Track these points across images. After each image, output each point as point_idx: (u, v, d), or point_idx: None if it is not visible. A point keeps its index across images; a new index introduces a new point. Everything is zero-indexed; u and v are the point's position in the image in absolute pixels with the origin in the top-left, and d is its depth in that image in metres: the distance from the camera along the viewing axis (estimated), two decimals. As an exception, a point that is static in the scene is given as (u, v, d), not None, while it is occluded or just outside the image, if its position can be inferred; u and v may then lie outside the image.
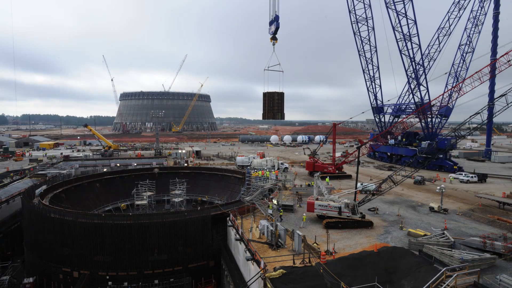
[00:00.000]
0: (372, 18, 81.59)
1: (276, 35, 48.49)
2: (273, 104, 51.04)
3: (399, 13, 73.17)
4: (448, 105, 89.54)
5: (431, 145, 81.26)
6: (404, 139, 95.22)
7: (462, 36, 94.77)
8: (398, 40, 77.09)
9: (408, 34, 74.96)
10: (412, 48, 76.22)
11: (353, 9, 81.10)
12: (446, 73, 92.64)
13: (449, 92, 76.03)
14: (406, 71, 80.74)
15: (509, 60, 51.78)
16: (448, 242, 29.83)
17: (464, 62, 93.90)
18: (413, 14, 72.98)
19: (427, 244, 28.75)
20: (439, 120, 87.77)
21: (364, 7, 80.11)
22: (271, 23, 47.31)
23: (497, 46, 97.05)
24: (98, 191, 58.56)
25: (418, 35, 75.57)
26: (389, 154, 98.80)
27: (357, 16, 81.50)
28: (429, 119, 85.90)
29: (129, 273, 32.37)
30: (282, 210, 42.34)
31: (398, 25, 74.64)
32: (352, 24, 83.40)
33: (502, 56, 53.00)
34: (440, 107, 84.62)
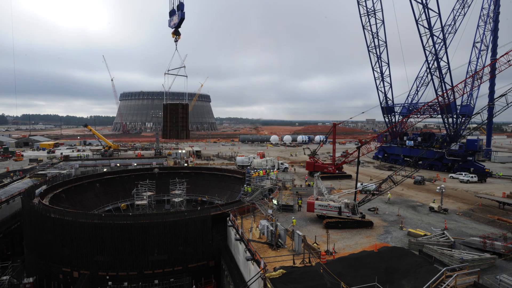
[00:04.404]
0: (382, 11, 77.98)
1: (180, 29, 39.02)
2: (177, 119, 41.48)
3: (425, 6, 69.18)
4: (469, 104, 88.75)
5: (462, 147, 78.13)
6: (425, 141, 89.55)
7: (475, 34, 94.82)
8: (422, 35, 72.96)
9: (428, 27, 71.13)
10: (434, 44, 72.57)
11: (362, 0, 77.27)
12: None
13: (468, 88, 70.00)
14: (430, 67, 77.29)
15: (509, 60, 51.80)
16: (448, 242, 29.82)
17: (481, 58, 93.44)
18: (437, 7, 69.54)
19: (427, 244, 28.75)
20: (461, 120, 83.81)
21: None
22: (172, 14, 38.23)
23: (497, 46, 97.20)
24: (98, 191, 58.55)
25: (442, 29, 72.34)
26: (402, 155, 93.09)
27: (367, 8, 77.70)
28: (452, 119, 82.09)
29: (129, 273, 32.35)
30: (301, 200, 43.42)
31: (424, 18, 70.19)
32: (361, 17, 79.55)
33: (502, 56, 53.04)
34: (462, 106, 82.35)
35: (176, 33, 39.23)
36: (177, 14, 37.28)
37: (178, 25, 37.81)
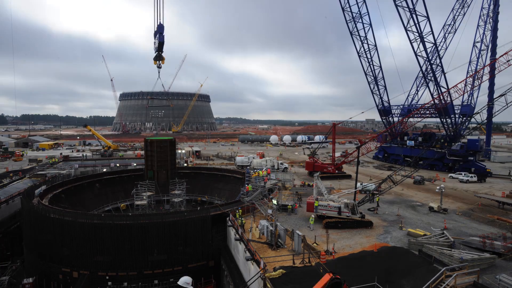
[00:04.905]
0: (368, 14, 75.62)
1: (162, 53, 34.98)
2: (164, 154, 44.11)
3: (412, 10, 66.83)
4: (470, 104, 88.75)
5: (463, 147, 77.86)
6: (425, 141, 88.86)
7: (475, 34, 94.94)
8: (412, 41, 71.06)
9: (420, 33, 69.20)
10: (425, 49, 71.00)
11: (346, 6, 74.92)
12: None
13: (468, 88, 69.62)
14: (423, 73, 76.67)
15: (509, 60, 51.88)
16: (447, 242, 29.83)
17: (481, 58, 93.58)
18: (425, 10, 67.10)
19: (426, 244, 28.75)
20: (462, 120, 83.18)
21: (357, 3, 73.77)
22: (156, 34, 34.32)
23: (496, 46, 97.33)
24: (97, 191, 58.50)
25: (432, 33, 70.30)
26: (403, 155, 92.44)
27: (353, 14, 75.49)
28: (450, 120, 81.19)
29: (129, 273, 32.33)
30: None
31: (412, 24, 68.25)
32: (347, 23, 77.40)
33: (502, 56, 53.12)
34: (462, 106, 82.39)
35: (158, 58, 35.25)
36: (157, 37, 33.65)
37: (159, 48, 34.29)
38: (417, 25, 68.70)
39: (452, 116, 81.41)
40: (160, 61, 36.40)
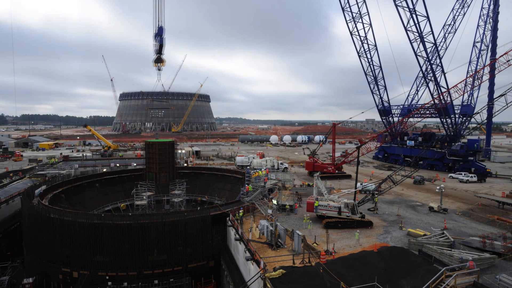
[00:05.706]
0: (368, 14, 74.92)
1: (162, 55, 34.97)
2: (165, 156, 44.58)
3: (412, 10, 66.45)
4: (470, 104, 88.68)
5: (463, 147, 77.63)
6: (425, 141, 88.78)
7: (476, 34, 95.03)
8: (412, 41, 70.73)
9: (420, 33, 68.85)
10: (425, 49, 70.71)
11: (346, 6, 74.39)
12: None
13: (468, 88, 69.13)
14: (423, 73, 76.49)
15: (509, 60, 51.86)
16: (447, 242, 29.83)
17: (481, 58, 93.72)
18: (425, 10, 66.74)
19: (426, 244, 28.75)
20: (462, 120, 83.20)
21: (357, 3, 73.26)
22: (156, 37, 34.39)
23: (496, 46, 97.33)
24: (97, 191, 58.52)
25: (432, 33, 69.90)
26: (403, 155, 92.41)
27: (353, 14, 74.89)
28: (450, 120, 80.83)
29: (128, 273, 32.35)
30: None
31: (412, 24, 67.91)
32: (347, 23, 76.75)
33: (502, 56, 53.10)
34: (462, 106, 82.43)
35: (158, 61, 35.48)
36: (157, 39, 33.85)
37: (159, 50, 34.55)
38: (417, 25, 68.74)
39: (452, 116, 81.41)
40: (160, 64, 36.79)
